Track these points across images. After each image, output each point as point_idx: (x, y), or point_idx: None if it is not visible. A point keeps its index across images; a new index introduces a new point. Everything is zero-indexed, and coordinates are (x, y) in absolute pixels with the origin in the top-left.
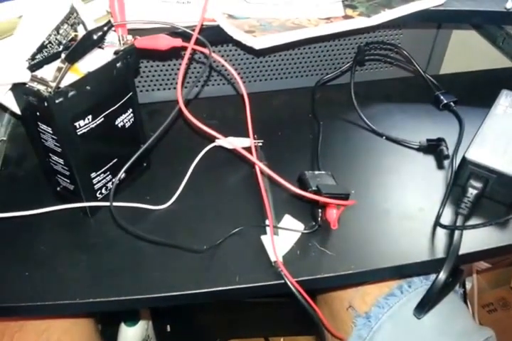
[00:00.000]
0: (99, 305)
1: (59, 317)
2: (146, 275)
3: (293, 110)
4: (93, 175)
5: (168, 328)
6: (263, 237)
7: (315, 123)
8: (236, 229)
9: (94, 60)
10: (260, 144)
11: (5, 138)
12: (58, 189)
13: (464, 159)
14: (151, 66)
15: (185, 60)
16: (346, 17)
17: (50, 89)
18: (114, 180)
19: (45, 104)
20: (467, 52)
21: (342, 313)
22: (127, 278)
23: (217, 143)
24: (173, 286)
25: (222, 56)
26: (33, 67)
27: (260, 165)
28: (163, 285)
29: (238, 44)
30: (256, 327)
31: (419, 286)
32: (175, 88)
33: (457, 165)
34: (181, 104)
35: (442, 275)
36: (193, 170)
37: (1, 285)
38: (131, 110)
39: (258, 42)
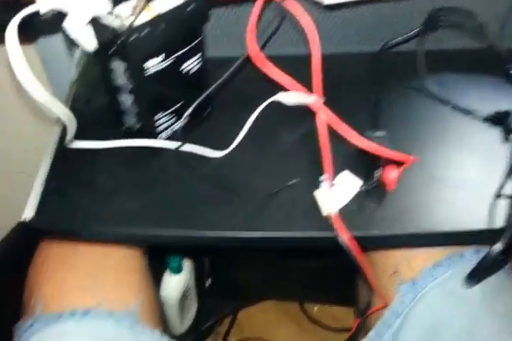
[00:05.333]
0: (156, 238)
1: (115, 246)
2: (204, 216)
3: (354, 72)
4: (158, 115)
5: (208, 282)
6: (317, 192)
7: (376, 86)
8: (291, 182)
9: (167, 2)
10: None
11: (75, 78)
12: (124, 128)
13: None
14: (222, 14)
15: (258, 6)
16: None
17: (125, 26)
18: (178, 122)
19: (120, 40)
20: None
21: (386, 279)
22: (185, 216)
23: (279, 96)
24: (227, 228)
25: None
26: (111, 3)
27: (324, 112)
28: (218, 226)
29: None
30: (293, 291)
31: (469, 260)
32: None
33: None
34: (252, 50)
35: (499, 245)
36: (253, 122)
37: (67, 211)
38: (198, 55)
39: None
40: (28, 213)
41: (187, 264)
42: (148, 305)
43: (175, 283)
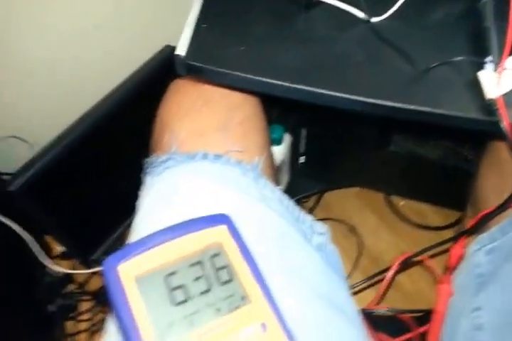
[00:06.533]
0: (305, 93)
1: (247, 100)
2: (353, 78)
3: None
4: None
5: (302, 160)
6: (481, 73)
7: None
8: (452, 59)
9: None
10: None
11: None
12: None
13: None
14: None
15: None
16: None
17: None
18: None
19: None
20: None
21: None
22: (335, 76)
23: None
24: (378, 94)
25: None
26: None
27: None
28: (368, 91)
29: None
30: (382, 182)
31: None
32: None
33: None
34: None
35: None
36: None
37: (215, 53)
38: None
39: None
40: (179, 50)
41: (287, 138)
42: (268, 164)
43: (274, 154)
